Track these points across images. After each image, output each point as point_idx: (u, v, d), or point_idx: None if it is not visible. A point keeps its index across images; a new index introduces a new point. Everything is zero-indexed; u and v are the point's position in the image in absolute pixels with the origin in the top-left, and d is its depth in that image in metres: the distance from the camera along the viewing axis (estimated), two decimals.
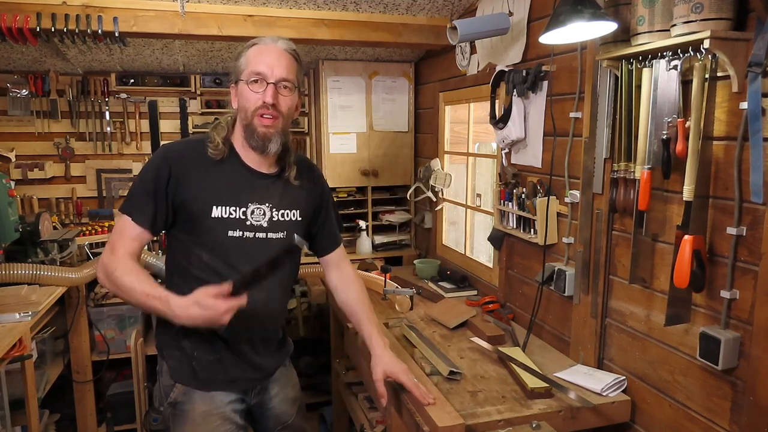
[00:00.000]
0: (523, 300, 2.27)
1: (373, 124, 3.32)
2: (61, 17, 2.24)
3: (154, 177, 1.48)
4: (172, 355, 1.57)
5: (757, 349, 1.28)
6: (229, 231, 1.50)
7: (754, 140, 1.23)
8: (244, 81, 1.48)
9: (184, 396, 1.55)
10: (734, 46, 1.27)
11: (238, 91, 1.51)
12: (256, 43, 1.52)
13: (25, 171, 3.18)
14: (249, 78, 1.47)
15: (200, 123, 3.46)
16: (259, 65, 1.46)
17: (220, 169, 1.51)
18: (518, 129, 2.18)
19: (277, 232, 1.56)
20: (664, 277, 1.56)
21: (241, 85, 1.49)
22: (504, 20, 2.14)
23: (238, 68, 1.51)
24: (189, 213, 1.49)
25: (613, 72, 1.63)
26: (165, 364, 1.59)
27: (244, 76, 1.48)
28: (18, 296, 2.31)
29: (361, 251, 3.31)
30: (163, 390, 1.59)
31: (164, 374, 1.59)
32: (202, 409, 1.54)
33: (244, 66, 1.49)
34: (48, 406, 2.80)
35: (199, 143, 1.53)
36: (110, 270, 1.43)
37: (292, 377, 1.79)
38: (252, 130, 1.49)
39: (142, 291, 1.39)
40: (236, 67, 1.52)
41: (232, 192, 1.51)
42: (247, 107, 1.48)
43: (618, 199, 1.65)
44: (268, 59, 1.47)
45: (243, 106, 1.50)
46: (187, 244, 1.52)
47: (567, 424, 1.57)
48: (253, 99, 1.47)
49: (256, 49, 1.50)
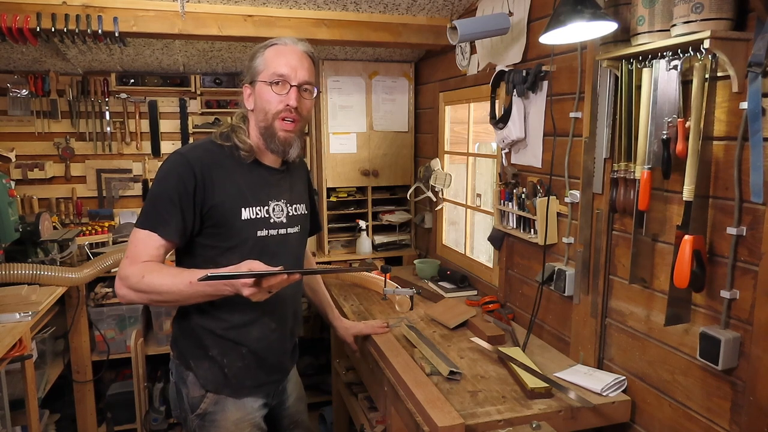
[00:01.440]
0: (523, 300, 2.27)
1: (373, 124, 3.32)
2: (61, 17, 2.24)
3: (178, 185, 1.40)
4: (201, 365, 1.52)
5: (757, 349, 1.28)
6: (258, 231, 1.49)
7: (754, 140, 1.23)
8: (266, 82, 1.44)
9: (216, 405, 1.52)
10: (734, 46, 1.27)
11: (256, 91, 1.47)
12: (275, 43, 1.48)
13: (25, 171, 3.18)
14: (271, 79, 1.44)
15: (200, 123, 3.46)
16: (281, 67, 1.44)
17: (240, 170, 1.49)
18: (518, 129, 2.18)
19: (293, 226, 1.58)
20: (664, 277, 1.56)
21: (261, 86, 1.45)
22: (504, 20, 2.14)
23: (256, 68, 1.47)
24: (218, 218, 1.45)
25: (613, 72, 1.63)
26: (191, 374, 1.53)
27: (264, 76, 1.45)
28: (18, 296, 2.31)
29: (361, 251, 3.30)
30: (190, 401, 1.54)
31: (191, 385, 1.53)
32: (234, 417, 1.53)
33: (263, 66, 1.45)
34: (48, 406, 2.80)
35: (215, 146, 1.49)
36: (135, 279, 1.35)
37: (297, 376, 1.82)
38: (272, 133, 1.47)
39: (184, 281, 1.32)
40: (253, 67, 1.48)
41: (254, 191, 1.50)
42: (268, 109, 1.45)
43: (618, 199, 1.65)
44: (291, 61, 1.45)
45: (262, 107, 1.46)
46: (216, 250, 1.47)
47: (567, 424, 1.57)
48: (275, 101, 1.44)
49: (276, 50, 1.47)
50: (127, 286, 1.36)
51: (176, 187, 1.40)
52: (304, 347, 3.45)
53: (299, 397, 1.79)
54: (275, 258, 1.43)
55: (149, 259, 1.39)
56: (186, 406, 1.55)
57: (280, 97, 1.44)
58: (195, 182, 1.41)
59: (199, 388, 1.53)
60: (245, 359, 1.54)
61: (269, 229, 1.51)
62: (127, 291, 1.37)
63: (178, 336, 1.58)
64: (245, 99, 1.52)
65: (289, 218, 1.56)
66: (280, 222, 1.54)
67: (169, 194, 1.40)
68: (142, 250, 1.39)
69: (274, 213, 1.52)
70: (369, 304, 2.49)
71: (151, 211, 1.42)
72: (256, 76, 1.47)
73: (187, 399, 1.55)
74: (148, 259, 1.39)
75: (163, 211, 1.40)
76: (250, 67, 1.49)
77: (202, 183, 1.42)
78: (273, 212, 1.52)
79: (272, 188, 1.54)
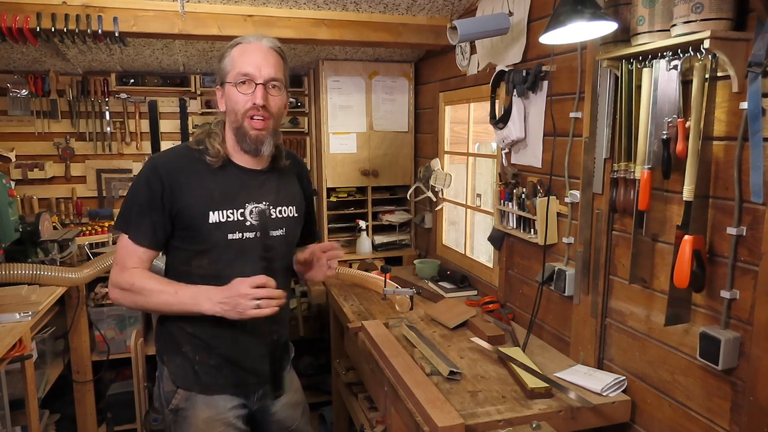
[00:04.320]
0: (523, 300, 2.27)
1: (373, 124, 3.32)
2: (61, 17, 2.24)
3: (146, 191, 1.45)
4: (173, 361, 1.55)
5: (757, 349, 1.28)
6: (229, 234, 1.48)
7: (754, 140, 1.23)
8: (232, 83, 1.44)
9: (186, 402, 1.53)
10: (734, 46, 1.27)
11: (225, 93, 1.48)
12: (239, 42, 1.48)
13: (25, 171, 3.18)
14: (236, 80, 1.43)
15: (200, 123, 3.45)
16: (245, 66, 1.43)
17: (212, 174, 1.49)
18: (518, 129, 2.18)
19: (277, 229, 1.56)
20: (664, 277, 1.56)
21: (228, 87, 1.46)
22: (504, 20, 2.13)
23: (223, 70, 1.47)
24: (186, 221, 1.47)
25: (613, 72, 1.63)
26: (166, 369, 1.57)
27: (230, 77, 1.45)
28: (18, 296, 2.31)
29: (361, 251, 3.30)
30: (164, 396, 1.57)
31: (165, 380, 1.57)
32: (205, 415, 1.53)
33: (230, 67, 1.45)
34: (48, 406, 2.80)
35: (187, 150, 1.51)
36: (127, 283, 1.44)
37: (295, 381, 1.79)
38: (243, 133, 1.46)
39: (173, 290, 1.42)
40: (221, 68, 1.48)
41: (226, 195, 1.49)
42: (237, 110, 1.45)
43: (618, 199, 1.65)
44: (255, 59, 1.44)
45: (232, 108, 1.46)
46: (188, 252, 1.50)
47: (567, 424, 1.57)
48: (242, 101, 1.44)
49: (241, 48, 1.46)
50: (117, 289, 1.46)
51: (144, 193, 1.45)
52: (304, 347, 3.47)
53: (291, 402, 1.73)
54: (255, 261, 1.45)
55: (136, 266, 1.46)
56: (162, 400, 1.58)
57: (247, 96, 1.44)
58: (162, 186, 1.44)
59: (170, 383, 1.55)
60: (216, 359, 1.54)
61: (245, 232, 1.50)
62: (118, 294, 1.47)
63: (157, 332, 1.63)
64: (218, 101, 1.52)
65: (271, 221, 1.55)
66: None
67: (138, 201, 1.46)
68: (125, 255, 1.47)
69: (251, 216, 1.51)
70: (369, 304, 2.49)
71: (125, 215, 1.49)
72: (225, 78, 1.46)
73: (162, 393, 1.58)
74: (134, 265, 1.46)
75: (134, 216, 1.47)
76: (219, 69, 1.49)
77: (169, 187, 1.45)
78: (250, 215, 1.51)
79: (250, 191, 1.53)
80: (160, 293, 1.43)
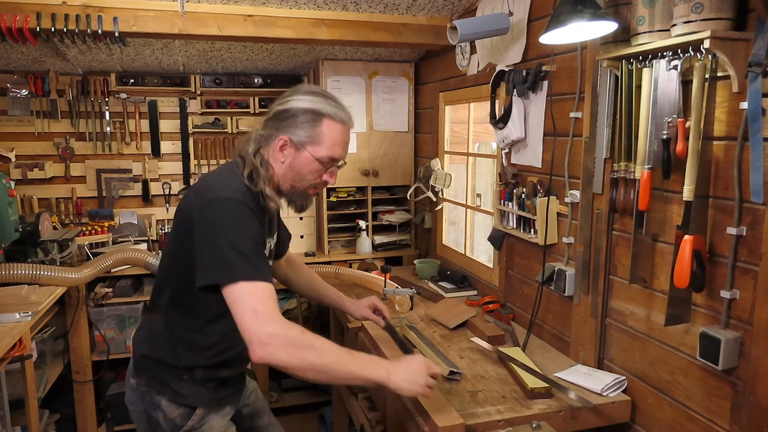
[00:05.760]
0: (523, 300, 2.27)
1: (373, 124, 3.32)
2: (61, 17, 2.24)
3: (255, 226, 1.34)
4: (183, 385, 1.49)
5: (757, 349, 1.28)
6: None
7: (754, 140, 1.23)
8: (317, 158, 1.40)
9: (202, 420, 1.52)
10: (734, 46, 1.27)
11: (299, 155, 1.41)
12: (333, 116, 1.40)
13: (25, 171, 3.18)
14: (325, 161, 1.42)
15: (200, 123, 3.46)
16: (338, 150, 1.42)
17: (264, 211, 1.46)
18: (518, 129, 2.18)
19: (270, 258, 1.60)
20: (664, 277, 1.56)
21: (309, 157, 1.40)
22: (504, 20, 2.13)
23: (309, 135, 1.39)
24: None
25: (613, 72, 1.63)
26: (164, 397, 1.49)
27: (318, 151, 1.40)
28: (18, 296, 2.31)
29: (361, 251, 3.30)
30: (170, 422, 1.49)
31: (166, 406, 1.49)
32: (219, 425, 1.55)
33: (318, 139, 1.39)
34: (48, 406, 2.80)
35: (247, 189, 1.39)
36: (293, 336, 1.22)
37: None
38: (300, 194, 1.47)
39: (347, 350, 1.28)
40: (303, 127, 1.39)
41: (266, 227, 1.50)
42: (306, 177, 1.44)
43: (618, 199, 1.65)
44: (346, 143, 1.45)
45: (300, 173, 1.43)
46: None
47: (567, 424, 1.57)
48: (317, 174, 1.44)
49: (337, 127, 1.41)
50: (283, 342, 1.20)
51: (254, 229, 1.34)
52: None
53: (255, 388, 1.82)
54: None
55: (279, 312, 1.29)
56: (166, 427, 1.51)
57: (322, 172, 1.45)
58: (260, 222, 1.37)
59: (177, 407, 1.49)
60: (227, 371, 1.56)
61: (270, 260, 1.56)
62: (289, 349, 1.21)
63: (148, 365, 1.52)
64: (276, 149, 1.41)
65: (270, 252, 1.59)
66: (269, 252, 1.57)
67: (250, 237, 1.31)
68: (270, 302, 1.24)
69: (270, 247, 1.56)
70: None
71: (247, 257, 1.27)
72: (306, 144, 1.40)
73: (165, 421, 1.50)
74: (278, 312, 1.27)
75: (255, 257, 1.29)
76: (297, 124, 1.39)
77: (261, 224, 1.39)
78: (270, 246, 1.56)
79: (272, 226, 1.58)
80: (333, 351, 1.25)
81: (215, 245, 1.27)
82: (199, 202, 1.34)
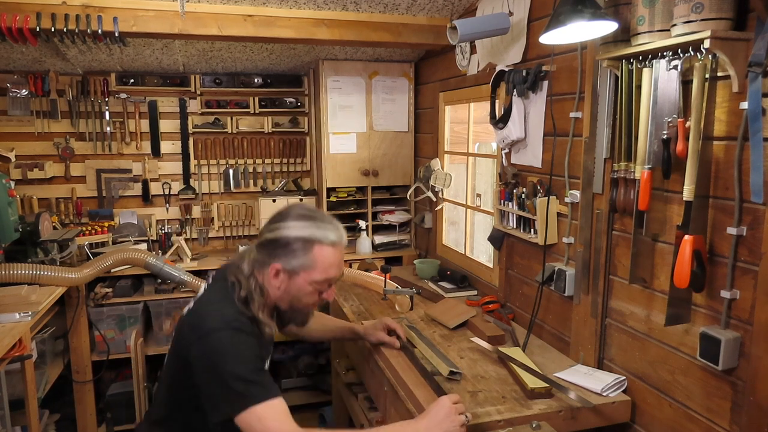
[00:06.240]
0: (523, 300, 2.27)
1: (373, 124, 3.32)
2: (61, 17, 2.24)
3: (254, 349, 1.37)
4: None
5: (757, 349, 1.28)
6: None
7: (754, 140, 1.23)
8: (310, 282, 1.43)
9: None
10: (734, 46, 1.27)
11: (294, 280, 1.44)
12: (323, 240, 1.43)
13: (25, 171, 3.18)
14: (321, 284, 1.45)
15: (200, 123, 3.46)
16: (332, 271, 1.45)
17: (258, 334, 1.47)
18: (518, 129, 2.18)
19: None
20: (664, 277, 1.56)
21: (300, 280, 1.43)
22: (504, 20, 2.13)
23: (301, 262, 1.42)
24: None
25: (613, 72, 1.63)
26: None
27: (312, 276, 1.43)
28: (18, 296, 2.31)
29: (361, 251, 3.31)
30: None
31: None
32: None
33: (311, 264, 1.42)
34: (48, 406, 2.80)
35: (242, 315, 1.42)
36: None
37: None
38: (298, 312, 1.51)
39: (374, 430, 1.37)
40: (295, 255, 1.42)
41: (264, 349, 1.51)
42: (303, 300, 1.47)
43: (618, 199, 1.65)
44: (339, 263, 1.47)
45: (297, 296, 1.46)
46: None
47: (567, 424, 1.57)
48: (314, 296, 1.47)
49: (332, 251, 1.44)
50: None
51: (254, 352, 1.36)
52: (304, 347, 3.47)
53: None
54: None
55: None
56: None
57: (319, 293, 1.48)
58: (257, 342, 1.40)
59: None
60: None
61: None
62: None
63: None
64: (270, 276, 1.44)
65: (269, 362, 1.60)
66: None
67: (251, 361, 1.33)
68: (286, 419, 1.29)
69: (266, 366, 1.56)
70: (369, 304, 2.49)
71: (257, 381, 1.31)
72: (300, 270, 1.42)
73: None
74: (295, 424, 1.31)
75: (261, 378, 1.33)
76: (289, 252, 1.42)
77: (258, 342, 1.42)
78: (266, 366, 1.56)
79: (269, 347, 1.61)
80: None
81: (219, 379, 1.30)
82: (194, 336, 1.36)
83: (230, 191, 3.58)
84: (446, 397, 1.41)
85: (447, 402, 1.39)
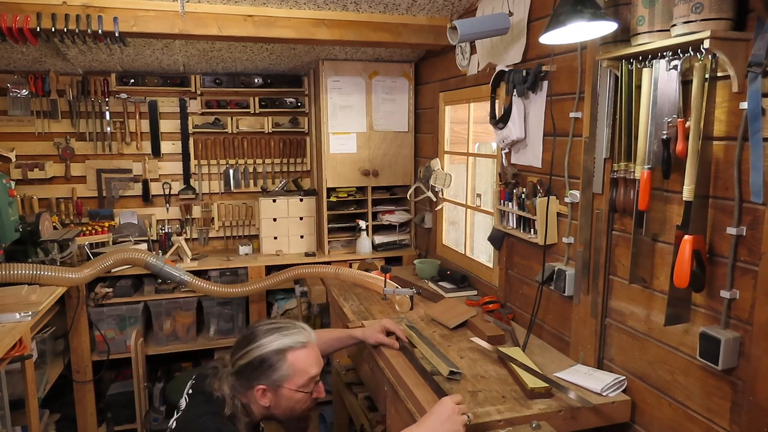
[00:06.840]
0: (523, 300, 2.27)
1: (373, 124, 3.32)
2: (61, 17, 2.24)
3: None
4: None
5: (757, 349, 1.28)
6: None
7: (754, 140, 1.23)
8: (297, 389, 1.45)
9: None
10: (734, 46, 1.27)
11: (281, 394, 1.46)
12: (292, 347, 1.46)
13: (25, 171, 3.18)
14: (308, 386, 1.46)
15: (200, 123, 3.46)
16: (312, 369, 1.47)
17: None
18: (518, 129, 2.18)
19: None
20: (664, 277, 1.56)
21: (288, 391, 1.45)
22: (504, 20, 2.13)
23: (279, 376, 1.44)
24: None
25: (613, 72, 1.63)
26: None
27: (295, 383, 1.45)
28: (18, 296, 2.31)
29: (361, 251, 3.31)
30: None
31: None
32: None
33: (290, 372, 1.45)
34: (48, 406, 2.80)
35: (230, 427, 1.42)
36: None
37: None
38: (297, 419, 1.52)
39: None
40: (273, 373, 1.44)
41: None
42: (299, 408, 1.48)
43: (618, 199, 1.65)
44: (317, 358, 1.49)
45: (290, 407, 1.48)
46: None
47: (567, 424, 1.57)
48: (307, 400, 1.48)
49: (305, 352, 1.47)
50: None
51: None
52: None
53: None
54: None
55: None
56: None
57: (310, 393, 1.49)
58: None
59: None
60: None
61: None
62: None
63: None
64: (258, 398, 1.46)
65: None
66: None
67: None
68: None
69: None
70: (369, 304, 2.49)
71: None
72: (281, 382, 1.45)
73: None
74: None
75: None
76: (265, 370, 1.45)
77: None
78: None
79: None
80: None
81: None
82: None
83: (230, 191, 3.58)
84: (449, 398, 1.42)
85: (450, 402, 1.40)
